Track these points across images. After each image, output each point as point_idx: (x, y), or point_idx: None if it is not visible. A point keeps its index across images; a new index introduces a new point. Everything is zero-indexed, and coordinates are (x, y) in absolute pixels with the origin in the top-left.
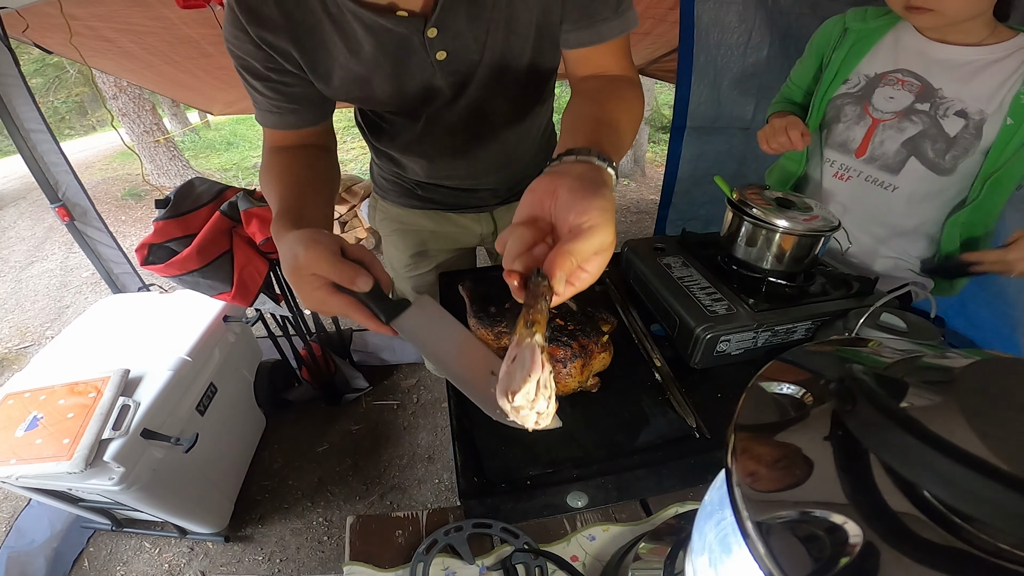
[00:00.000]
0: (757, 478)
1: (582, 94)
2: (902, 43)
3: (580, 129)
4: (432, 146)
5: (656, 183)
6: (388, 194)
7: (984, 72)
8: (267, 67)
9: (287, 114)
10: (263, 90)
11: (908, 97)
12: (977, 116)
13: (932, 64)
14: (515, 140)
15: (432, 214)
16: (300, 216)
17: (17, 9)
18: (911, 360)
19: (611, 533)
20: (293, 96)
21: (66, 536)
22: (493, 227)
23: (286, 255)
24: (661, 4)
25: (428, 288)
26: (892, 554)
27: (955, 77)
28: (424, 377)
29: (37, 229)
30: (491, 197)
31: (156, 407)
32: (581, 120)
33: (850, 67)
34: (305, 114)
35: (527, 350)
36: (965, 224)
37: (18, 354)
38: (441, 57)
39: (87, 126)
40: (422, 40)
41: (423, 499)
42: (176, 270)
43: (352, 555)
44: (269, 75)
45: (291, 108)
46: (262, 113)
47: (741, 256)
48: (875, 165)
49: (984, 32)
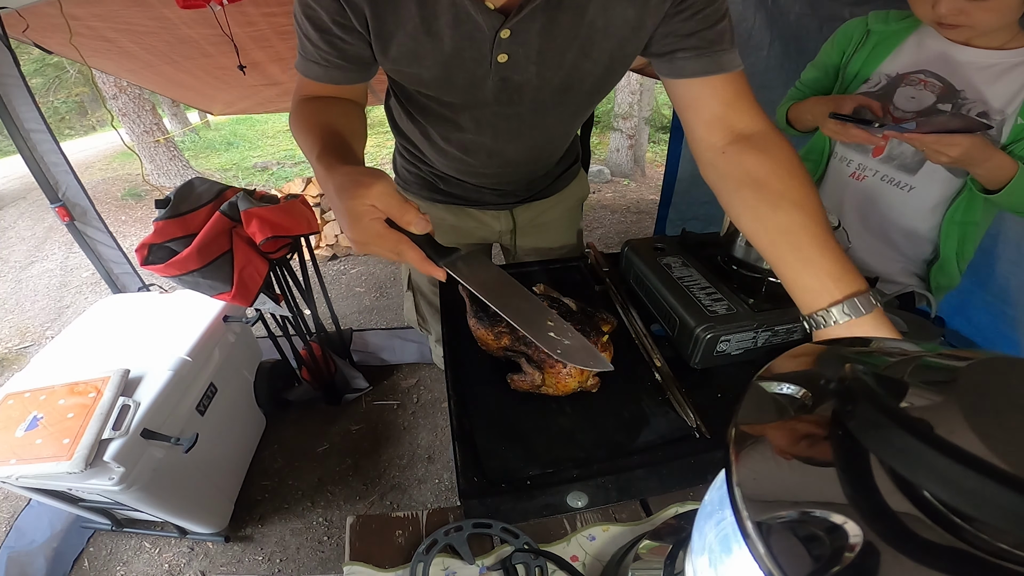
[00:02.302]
0: (757, 478)
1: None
2: (925, 45)
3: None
4: (465, 142)
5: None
6: (410, 186)
7: (1007, 75)
8: (334, 20)
9: (334, 69)
10: (318, 41)
11: (930, 97)
12: (998, 117)
13: (955, 66)
14: (550, 151)
15: (453, 208)
16: (346, 156)
17: (17, 9)
18: (911, 360)
19: (611, 533)
20: (347, 54)
21: (66, 536)
22: (512, 224)
23: (344, 184)
24: None
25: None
26: (892, 554)
27: (978, 79)
28: (424, 377)
29: (37, 229)
30: (512, 196)
31: (156, 407)
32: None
33: (871, 68)
34: (351, 73)
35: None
36: (962, 223)
37: (18, 354)
38: (502, 60)
39: (87, 126)
40: (493, 37)
41: (423, 499)
42: (176, 270)
43: (352, 555)
44: (332, 28)
45: (339, 64)
46: (307, 63)
47: (741, 256)
48: (893, 165)
49: (1007, 36)
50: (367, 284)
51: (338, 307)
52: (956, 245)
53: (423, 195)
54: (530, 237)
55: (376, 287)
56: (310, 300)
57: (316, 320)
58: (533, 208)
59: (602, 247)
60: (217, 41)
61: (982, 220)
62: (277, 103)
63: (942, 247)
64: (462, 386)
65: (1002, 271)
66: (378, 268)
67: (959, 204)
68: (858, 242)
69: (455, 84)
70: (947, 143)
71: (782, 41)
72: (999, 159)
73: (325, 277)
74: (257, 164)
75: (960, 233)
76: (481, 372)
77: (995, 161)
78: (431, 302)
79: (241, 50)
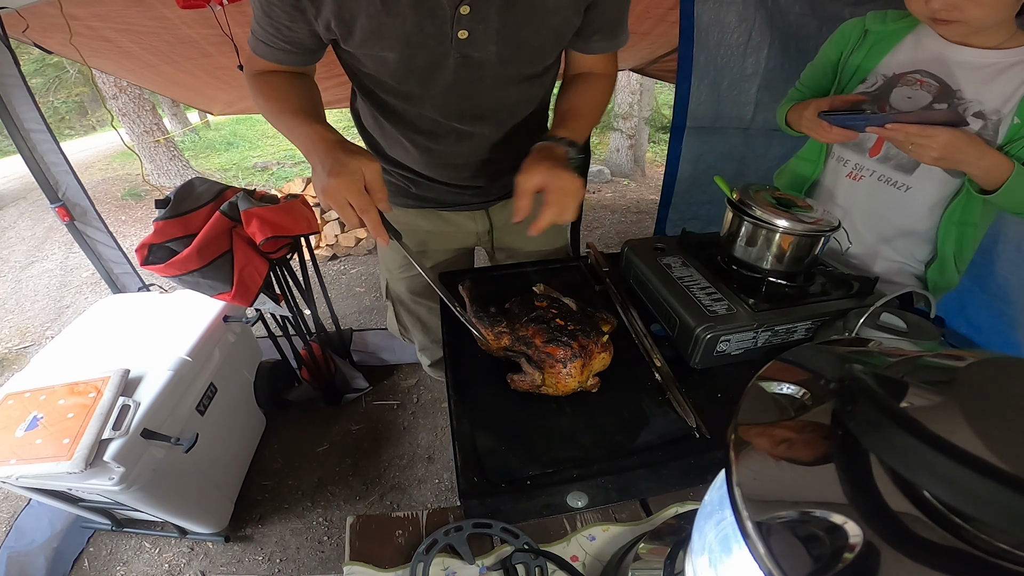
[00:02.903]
0: (757, 478)
1: (572, 90)
2: (922, 45)
3: (556, 121)
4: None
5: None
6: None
7: (1004, 75)
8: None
9: (279, 51)
10: (267, 26)
11: (926, 97)
12: (995, 117)
13: (952, 66)
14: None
15: (428, 213)
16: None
17: (17, 9)
18: (911, 360)
19: (611, 533)
20: (292, 39)
21: (66, 536)
22: (488, 225)
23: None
24: (661, 4)
25: (423, 290)
26: (892, 554)
27: (975, 79)
28: (424, 377)
29: (37, 229)
30: (487, 193)
31: (156, 407)
32: (559, 114)
33: (869, 67)
34: (295, 56)
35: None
36: (960, 224)
37: (18, 354)
38: (463, 36)
39: (87, 126)
40: (452, 14)
41: (423, 499)
42: (176, 270)
43: (352, 555)
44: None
45: (285, 48)
46: (258, 42)
47: (741, 256)
48: (889, 164)
49: (1004, 36)
50: (367, 284)
51: (338, 307)
52: (954, 245)
53: (396, 201)
54: (509, 238)
55: (376, 287)
56: (310, 300)
57: (316, 320)
58: (508, 208)
59: (602, 247)
60: (217, 41)
61: (981, 221)
62: None
63: (940, 247)
64: (462, 386)
65: (1002, 271)
66: (378, 268)
67: (957, 204)
68: (857, 242)
69: (417, 66)
70: (926, 134)
71: (782, 41)
72: (993, 158)
73: (325, 277)
74: (257, 164)
75: (958, 233)
76: (481, 372)
77: (989, 160)
78: (411, 310)
79: (241, 50)
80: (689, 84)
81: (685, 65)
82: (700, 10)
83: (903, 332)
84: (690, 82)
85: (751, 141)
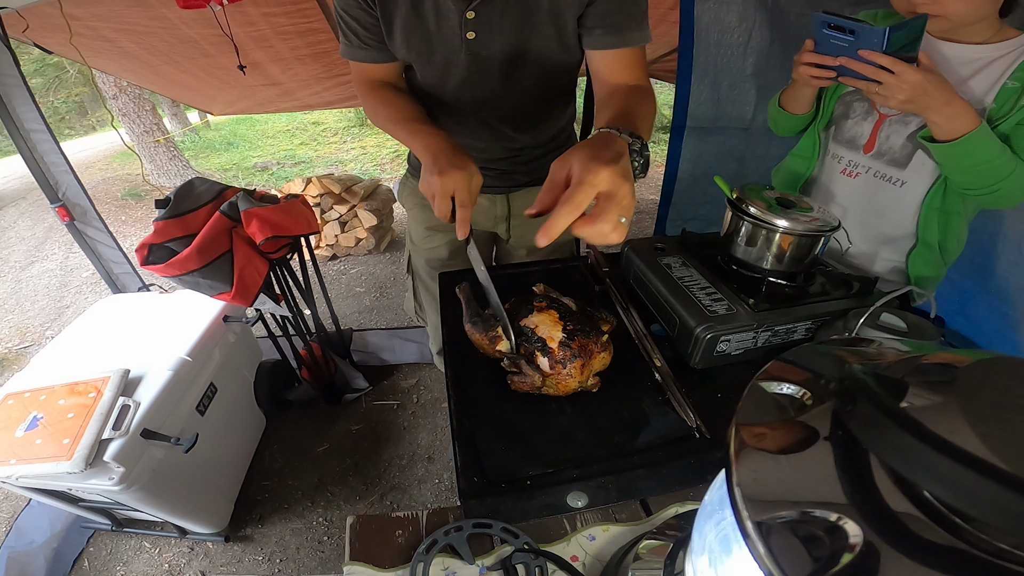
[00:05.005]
0: (757, 478)
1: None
2: None
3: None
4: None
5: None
6: (416, 171)
7: (988, 68)
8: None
9: (374, 51)
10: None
11: None
12: (977, 107)
13: (940, 61)
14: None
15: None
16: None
17: (17, 9)
18: (911, 360)
19: (611, 533)
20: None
21: (66, 536)
22: (507, 210)
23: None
24: (661, 4)
25: (440, 263)
26: (892, 554)
27: (962, 74)
28: (424, 377)
29: (37, 229)
30: (510, 178)
31: (156, 407)
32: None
33: None
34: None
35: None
36: (941, 211)
37: (18, 354)
38: (471, 37)
39: (87, 126)
40: (461, 18)
41: (423, 499)
42: (176, 270)
43: (352, 555)
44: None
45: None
46: (353, 50)
47: (741, 256)
48: (883, 160)
49: (989, 32)
50: (367, 284)
51: (338, 307)
52: (938, 233)
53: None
54: (523, 228)
55: (376, 287)
56: (310, 300)
57: (316, 320)
58: (530, 195)
59: (602, 247)
60: (217, 41)
61: (964, 210)
62: (277, 103)
63: (921, 233)
64: (462, 386)
65: (1002, 271)
66: (378, 268)
67: (937, 190)
68: (857, 242)
69: (436, 61)
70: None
71: (782, 41)
72: (960, 106)
73: (325, 277)
74: (257, 164)
75: (942, 221)
76: (481, 372)
77: (955, 108)
78: (428, 287)
79: (241, 50)
80: (689, 84)
81: (685, 65)
82: (700, 10)
83: (903, 332)
84: (690, 82)
85: (751, 141)
